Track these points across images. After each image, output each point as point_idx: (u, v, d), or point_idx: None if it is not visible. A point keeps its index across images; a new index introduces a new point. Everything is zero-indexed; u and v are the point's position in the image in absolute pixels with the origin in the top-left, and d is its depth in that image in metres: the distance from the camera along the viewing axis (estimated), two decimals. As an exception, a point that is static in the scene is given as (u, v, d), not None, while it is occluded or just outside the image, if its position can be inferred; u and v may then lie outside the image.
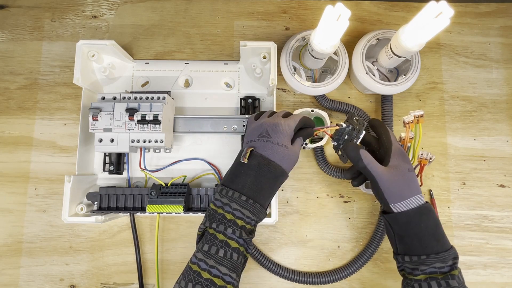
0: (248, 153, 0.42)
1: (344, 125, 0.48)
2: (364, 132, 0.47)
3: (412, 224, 0.42)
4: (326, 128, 0.50)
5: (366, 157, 0.44)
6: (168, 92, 0.58)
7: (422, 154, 0.48)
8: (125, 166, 0.57)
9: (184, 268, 0.41)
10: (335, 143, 0.49)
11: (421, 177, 0.49)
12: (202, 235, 0.42)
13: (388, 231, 0.46)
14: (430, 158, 0.48)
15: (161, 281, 0.56)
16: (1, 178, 0.58)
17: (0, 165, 0.59)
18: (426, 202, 0.44)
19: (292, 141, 0.44)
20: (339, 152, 0.50)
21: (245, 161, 0.42)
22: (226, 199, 0.41)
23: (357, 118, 0.47)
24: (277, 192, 0.47)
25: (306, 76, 0.57)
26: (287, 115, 0.46)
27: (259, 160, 0.42)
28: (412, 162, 0.49)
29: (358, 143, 0.47)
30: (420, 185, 0.50)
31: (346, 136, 0.48)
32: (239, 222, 0.40)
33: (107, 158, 0.56)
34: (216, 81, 0.60)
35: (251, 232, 0.42)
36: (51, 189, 0.58)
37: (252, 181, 0.41)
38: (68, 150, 0.59)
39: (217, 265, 0.38)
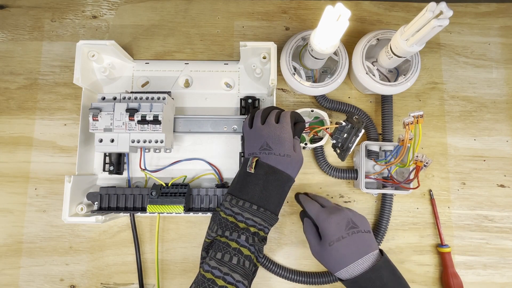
0: (254, 162, 0.43)
1: (344, 123, 0.48)
2: (363, 131, 0.47)
3: None
4: (326, 128, 0.50)
5: (304, 226, 0.48)
6: (168, 92, 0.58)
7: (417, 156, 0.48)
8: (125, 166, 0.57)
9: (195, 277, 0.41)
10: (334, 141, 0.50)
11: (417, 178, 0.50)
12: (210, 243, 0.43)
13: None
14: (427, 163, 0.48)
15: (161, 281, 0.56)
16: (1, 178, 0.58)
17: (0, 165, 0.59)
18: (369, 269, 0.41)
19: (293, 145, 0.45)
20: (337, 151, 0.50)
21: (252, 170, 0.43)
22: (237, 208, 0.42)
23: (357, 117, 0.47)
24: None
25: (306, 76, 0.57)
26: (277, 116, 0.46)
27: (265, 169, 0.43)
28: (410, 165, 0.49)
29: (356, 141, 0.47)
30: (418, 186, 0.50)
31: (345, 134, 0.49)
32: (252, 229, 0.41)
33: (107, 158, 0.56)
34: (216, 81, 0.60)
35: (263, 239, 0.43)
36: (51, 189, 0.58)
37: (261, 190, 0.42)
38: (68, 150, 0.59)
39: (231, 272, 0.39)
